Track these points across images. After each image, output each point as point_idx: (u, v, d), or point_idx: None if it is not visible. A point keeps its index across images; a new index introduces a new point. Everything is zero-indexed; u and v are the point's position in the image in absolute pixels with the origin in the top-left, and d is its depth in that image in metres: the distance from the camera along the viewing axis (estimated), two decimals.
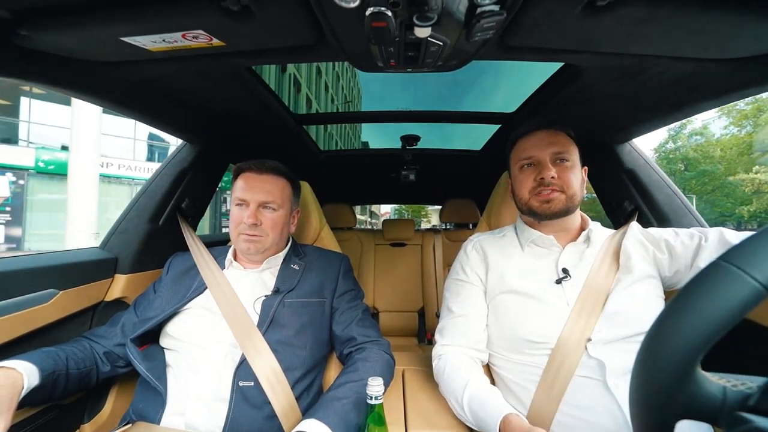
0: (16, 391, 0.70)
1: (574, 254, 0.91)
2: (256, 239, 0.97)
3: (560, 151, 0.89)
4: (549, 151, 0.89)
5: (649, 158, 1.33)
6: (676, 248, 0.84)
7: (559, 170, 0.87)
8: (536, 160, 0.90)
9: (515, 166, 0.96)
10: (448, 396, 0.86)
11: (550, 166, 0.87)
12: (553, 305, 0.83)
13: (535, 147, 0.90)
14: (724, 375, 0.35)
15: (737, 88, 0.87)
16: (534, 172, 0.90)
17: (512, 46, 0.76)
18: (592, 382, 0.75)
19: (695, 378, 0.34)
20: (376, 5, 0.56)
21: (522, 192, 0.93)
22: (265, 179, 1.00)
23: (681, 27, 0.65)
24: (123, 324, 0.99)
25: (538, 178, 0.88)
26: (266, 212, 0.99)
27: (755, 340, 0.86)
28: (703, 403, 0.34)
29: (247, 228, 0.96)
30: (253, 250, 0.98)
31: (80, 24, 0.65)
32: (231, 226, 0.99)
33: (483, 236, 1.06)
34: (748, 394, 0.33)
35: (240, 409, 0.80)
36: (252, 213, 0.96)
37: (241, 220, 0.96)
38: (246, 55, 0.81)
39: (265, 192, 0.99)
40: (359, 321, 1.01)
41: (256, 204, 0.97)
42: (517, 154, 0.95)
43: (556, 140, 0.90)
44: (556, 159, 0.89)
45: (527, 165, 0.92)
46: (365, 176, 2.65)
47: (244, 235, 0.96)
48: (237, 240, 0.98)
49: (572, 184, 0.87)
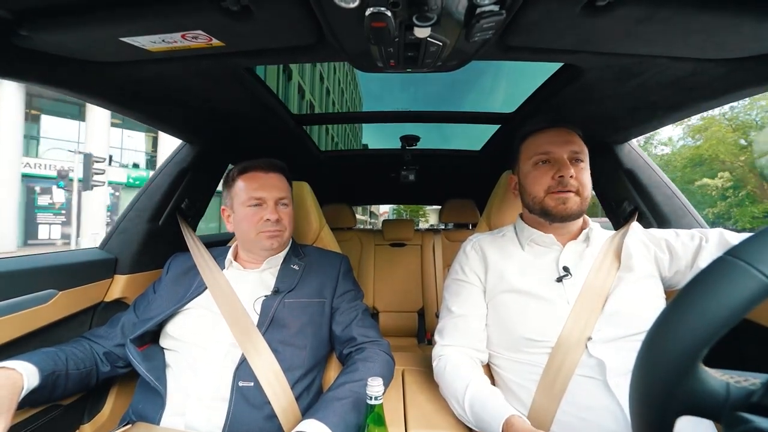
0: (15, 391, 0.70)
1: (574, 253, 0.90)
2: (278, 234, 1.00)
3: (578, 150, 0.87)
4: (567, 149, 0.86)
5: (648, 158, 1.33)
6: (677, 249, 0.84)
7: (576, 170, 0.84)
8: (554, 157, 0.86)
9: (527, 162, 0.91)
10: (449, 397, 0.85)
11: (569, 165, 0.84)
12: (554, 303, 0.83)
13: (553, 143, 0.87)
14: (727, 371, 0.35)
15: (736, 88, 0.87)
16: (551, 169, 0.86)
17: (512, 46, 0.76)
18: (592, 382, 0.74)
19: (698, 373, 0.34)
20: (376, 5, 0.56)
21: (536, 190, 0.89)
22: (273, 176, 1.04)
23: (680, 27, 0.65)
24: (123, 324, 0.98)
25: (557, 176, 0.84)
26: (282, 208, 1.02)
27: (755, 341, 0.86)
28: (706, 399, 0.34)
29: (270, 225, 0.98)
30: (277, 245, 1.01)
31: (80, 24, 0.65)
32: (247, 227, 0.99)
33: (482, 236, 1.06)
34: (751, 390, 0.33)
35: (240, 409, 0.80)
36: (273, 210, 0.99)
37: (261, 218, 0.98)
38: (245, 56, 0.81)
39: (278, 189, 1.02)
40: (359, 321, 1.01)
41: (273, 201, 1.00)
42: (531, 149, 0.91)
43: (572, 139, 0.88)
44: (573, 158, 0.86)
45: (542, 162, 0.88)
46: (365, 177, 2.65)
47: (267, 232, 0.99)
48: (257, 238, 0.99)
49: (587, 186, 0.86)
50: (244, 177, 1.02)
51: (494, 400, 0.76)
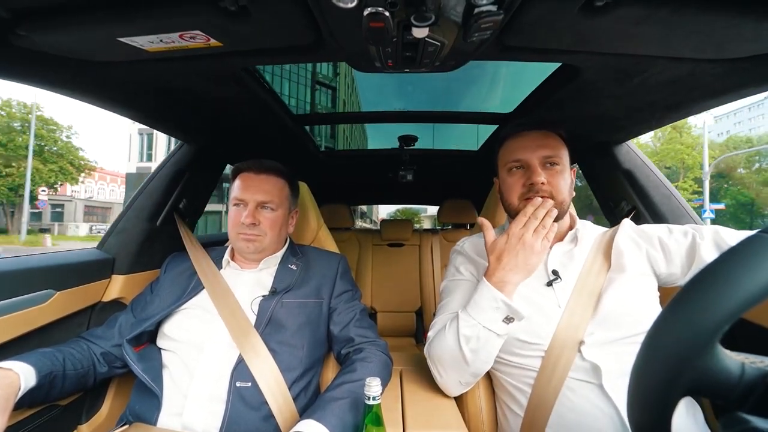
0: (12, 391, 0.69)
1: (562, 254, 0.90)
2: (254, 239, 0.97)
3: (550, 154, 0.86)
4: (539, 155, 0.86)
5: (646, 158, 1.33)
6: (670, 246, 0.83)
7: (548, 175, 0.85)
8: (525, 163, 0.87)
9: (503, 169, 0.93)
10: (446, 346, 0.83)
11: (539, 171, 0.84)
12: (545, 307, 0.83)
13: (525, 149, 0.87)
14: (742, 353, 0.35)
15: (734, 89, 0.87)
16: (523, 176, 0.87)
17: (510, 46, 0.76)
18: (588, 386, 0.74)
19: (715, 350, 0.33)
20: (374, 5, 0.56)
21: (510, 197, 0.90)
22: (263, 179, 1.01)
23: (678, 27, 0.65)
24: (120, 325, 0.98)
25: (527, 183, 0.85)
26: (264, 212, 0.99)
27: (753, 341, 0.86)
28: (719, 378, 0.33)
29: (245, 228, 0.96)
30: (251, 250, 0.98)
31: (78, 24, 0.65)
32: (229, 226, 0.99)
33: (469, 240, 1.06)
34: (767, 371, 0.33)
35: (237, 410, 0.80)
36: (250, 213, 0.96)
37: (239, 219, 0.96)
38: (244, 56, 0.81)
39: (263, 192, 0.99)
40: (357, 321, 1.01)
41: (254, 204, 0.97)
42: (505, 156, 0.92)
43: (546, 143, 0.87)
44: (546, 163, 0.86)
45: (516, 168, 0.89)
46: (363, 177, 2.65)
47: (243, 235, 0.97)
48: (236, 239, 0.99)
49: (562, 189, 0.85)
50: (238, 177, 1.02)
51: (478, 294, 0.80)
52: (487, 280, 0.79)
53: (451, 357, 0.83)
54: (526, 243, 0.77)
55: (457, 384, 0.88)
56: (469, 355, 0.79)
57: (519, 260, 0.78)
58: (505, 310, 0.76)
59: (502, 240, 0.80)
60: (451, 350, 0.81)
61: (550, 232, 0.79)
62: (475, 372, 0.83)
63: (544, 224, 0.78)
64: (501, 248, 0.80)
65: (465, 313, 0.80)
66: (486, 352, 0.79)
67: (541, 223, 0.78)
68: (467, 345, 0.79)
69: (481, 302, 0.78)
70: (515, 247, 0.78)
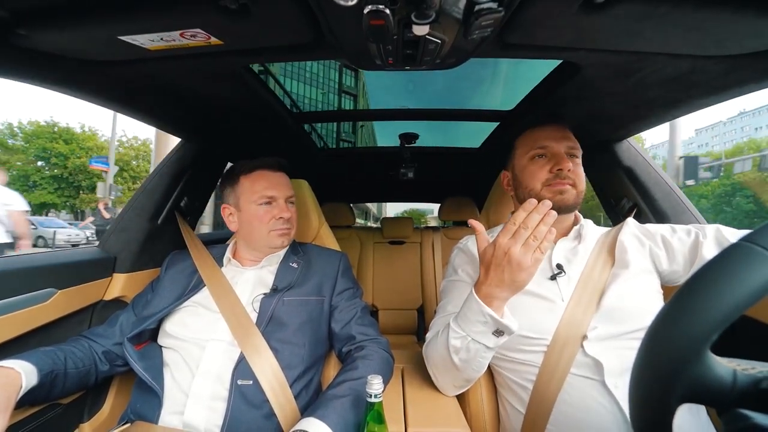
0: (14, 390, 0.70)
1: (566, 250, 0.91)
2: (287, 232, 1.04)
3: (573, 146, 0.89)
4: (564, 144, 0.88)
5: (647, 155, 1.33)
6: (673, 244, 0.84)
7: (572, 165, 0.87)
8: (551, 151, 0.89)
9: (524, 157, 0.93)
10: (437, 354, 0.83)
11: (567, 159, 0.86)
12: (548, 301, 0.83)
13: (551, 138, 0.89)
14: (734, 359, 0.35)
15: (734, 85, 0.87)
16: (548, 163, 0.88)
17: (510, 43, 0.76)
18: (589, 382, 0.74)
19: (706, 359, 0.33)
20: (374, 3, 0.56)
21: (533, 183, 0.89)
22: (281, 175, 1.06)
23: (678, 24, 0.65)
24: (121, 323, 0.98)
25: (555, 169, 0.86)
26: (291, 206, 1.06)
27: (754, 337, 0.86)
28: (712, 386, 0.33)
29: (281, 223, 1.01)
30: (287, 243, 1.05)
31: (78, 23, 0.65)
32: (258, 225, 1.01)
33: (472, 238, 1.05)
34: (759, 378, 0.33)
35: (238, 408, 0.80)
36: (285, 208, 1.02)
37: (272, 216, 1.00)
38: (244, 54, 0.81)
39: (288, 187, 1.06)
40: (358, 319, 1.01)
41: (284, 199, 1.03)
42: (529, 143, 0.93)
43: (567, 135, 0.90)
44: (569, 153, 0.89)
45: (539, 156, 0.90)
46: (364, 174, 2.65)
47: (279, 230, 1.01)
48: (268, 237, 1.01)
49: (583, 181, 0.88)
50: (253, 175, 1.02)
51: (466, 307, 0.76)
52: (475, 292, 0.74)
53: (443, 364, 0.84)
54: (512, 259, 0.67)
55: (452, 387, 0.88)
56: (459, 364, 0.79)
57: (505, 277, 0.69)
58: (493, 324, 0.72)
59: (491, 249, 0.72)
60: (443, 358, 0.82)
61: (545, 242, 0.68)
62: (468, 378, 0.84)
63: (537, 234, 0.67)
64: (489, 259, 0.72)
65: (455, 323, 0.78)
66: (477, 363, 0.78)
67: (533, 234, 0.67)
68: (457, 355, 0.78)
69: (469, 315, 0.74)
70: (501, 263, 0.69)
